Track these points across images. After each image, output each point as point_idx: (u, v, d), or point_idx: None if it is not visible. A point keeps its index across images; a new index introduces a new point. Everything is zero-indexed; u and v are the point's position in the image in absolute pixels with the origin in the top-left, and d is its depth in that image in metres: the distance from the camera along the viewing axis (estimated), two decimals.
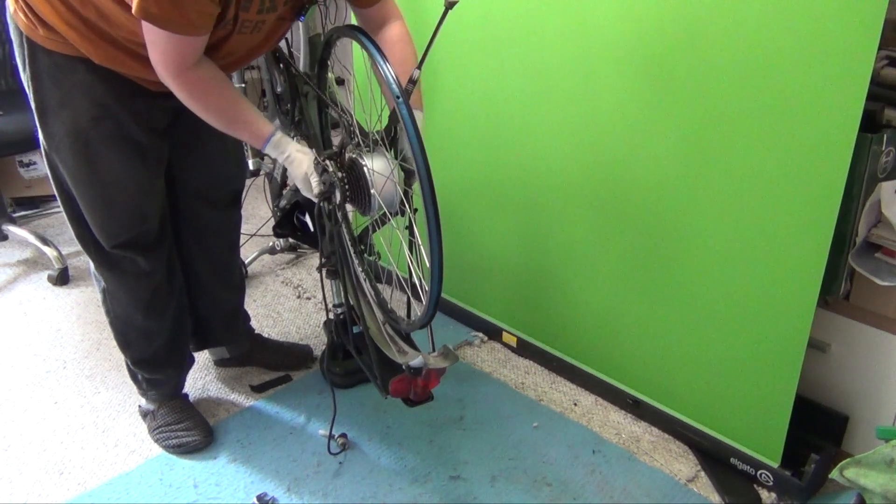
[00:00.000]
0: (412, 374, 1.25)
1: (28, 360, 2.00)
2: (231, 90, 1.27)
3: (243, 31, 1.23)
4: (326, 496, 1.51)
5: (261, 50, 1.38)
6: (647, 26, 1.41)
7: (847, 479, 1.18)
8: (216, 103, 1.25)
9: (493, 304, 2.06)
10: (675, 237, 1.52)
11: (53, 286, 2.38)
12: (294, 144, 1.30)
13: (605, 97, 1.53)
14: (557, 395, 1.84)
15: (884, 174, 1.41)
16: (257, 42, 1.32)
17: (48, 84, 1.28)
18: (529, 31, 1.63)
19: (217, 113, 1.26)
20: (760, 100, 1.29)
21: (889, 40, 1.44)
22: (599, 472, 1.58)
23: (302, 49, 1.71)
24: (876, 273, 1.43)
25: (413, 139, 1.05)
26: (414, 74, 1.19)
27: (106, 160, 1.35)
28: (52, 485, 1.55)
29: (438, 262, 1.08)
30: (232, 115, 1.27)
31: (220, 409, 1.79)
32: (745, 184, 1.36)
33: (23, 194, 2.79)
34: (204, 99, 1.24)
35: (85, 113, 1.30)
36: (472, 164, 1.92)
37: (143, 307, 1.53)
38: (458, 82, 1.85)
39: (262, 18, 1.23)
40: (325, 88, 1.45)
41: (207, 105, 1.25)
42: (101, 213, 1.40)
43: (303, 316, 2.20)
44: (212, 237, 1.66)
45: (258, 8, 1.19)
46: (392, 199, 1.23)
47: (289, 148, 1.29)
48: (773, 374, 1.44)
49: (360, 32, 1.18)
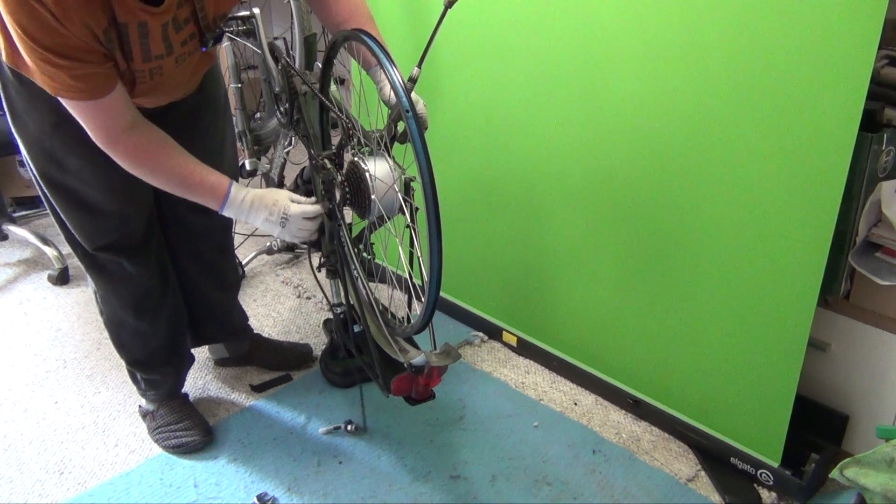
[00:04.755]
0: (414, 373, 1.25)
1: (28, 359, 2.00)
2: (175, 150, 1.23)
3: (143, 80, 1.20)
4: (327, 496, 1.51)
5: (190, 83, 1.37)
6: (648, 26, 1.41)
7: (847, 479, 1.19)
8: (160, 166, 1.22)
9: (493, 304, 2.06)
10: (675, 237, 1.52)
11: (53, 286, 2.38)
12: (268, 195, 1.27)
13: (605, 97, 1.53)
14: (557, 394, 1.84)
15: (884, 173, 1.41)
16: (182, 79, 1.31)
17: (13, 93, 1.27)
18: (529, 31, 1.63)
19: (165, 175, 1.23)
20: (760, 99, 1.29)
21: (889, 40, 1.44)
22: (599, 471, 1.58)
23: (297, 49, 1.71)
24: (876, 273, 1.43)
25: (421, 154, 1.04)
26: (414, 72, 1.18)
27: (73, 164, 1.33)
28: (53, 484, 1.55)
29: (437, 275, 1.08)
30: (181, 176, 1.23)
31: (220, 408, 1.79)
32: (745, 183, 1.36)
33: (23, 194, 2.79)
34: (145, 164, 1.22)
35: (46, 119, 1.28)
36: (472, 164, 1.92)
37: (132, 309, 1.53)
38: (458, 82, 1.85)
39: (156, 65, 1.19)
40: (329, 87, 1.45)
41: (154, 168, 1.22)
42: (78, 216, 1.39)
43: (303, 316, 2.20)
44: (199, 240, 1.65)
45: (142, 58, 1.16)
46: (392, 205, 1.22)
47: (252, 191, 1.25)
48: (773, 373, 1.44)
49: (367, 36, 1.17)
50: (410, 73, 1.18)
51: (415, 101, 1.20)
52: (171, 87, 1.32)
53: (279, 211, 1.26)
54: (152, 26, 1.13)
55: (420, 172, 1.04)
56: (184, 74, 1.32)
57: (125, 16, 1.08)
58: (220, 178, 1.26)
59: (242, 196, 1.26)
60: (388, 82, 1.09)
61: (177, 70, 1.26)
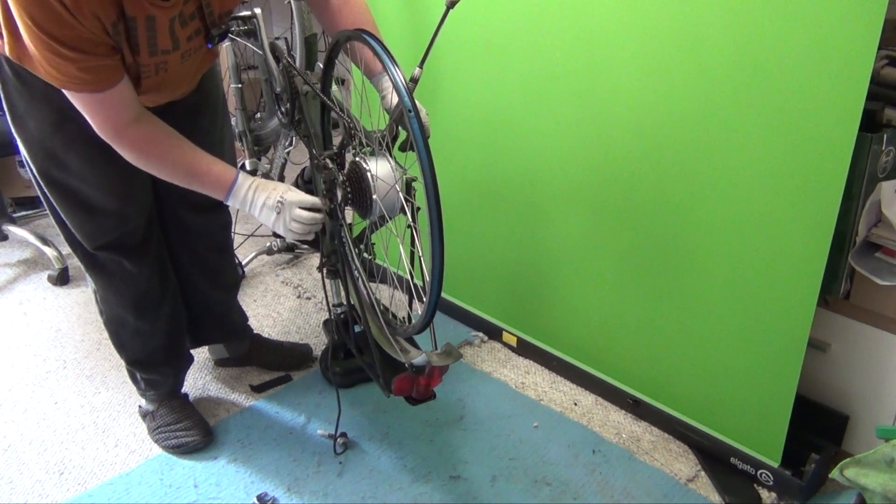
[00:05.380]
0: (415, 373, 1.25)
1: (28, 360, 2.00)
2: (179, 141, 1.24)
3: (148, 74, 1.21)
4: (327, 496, 1.51)
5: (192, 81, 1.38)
6: (648, 26, 1.41)
7: (847, 479, 1.19)
8: (166, 157, 1.23)
9: (493, 304, 2.07)
10: (675, 237, 1.52)
11: (53, 286, 2.38)
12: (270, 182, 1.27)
13: (606, 97, 1.53)
14: (557, 394, 1.84)
15: (884, 174, 1.41)
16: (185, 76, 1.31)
17: (14, 92, 1.28)
18: (529, 31, 1.63)
19: (171, 167, 1.24)
20: (760, 99, 1.29)
21: (889, 40, 1.44)
22: (599, 471, 1.58)
23: (298, 49, 1.71)
24: (876, 273, 1.43)
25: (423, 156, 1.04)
26: (415, 72, 1.19)
27: (73, 163, 1.33)
28: (53, 485, 1.55)
29: (439, 274, 1.08)
30: (187, 167, 1.24)
31: (220, 409, 1.78)
32: (745, 183, 1.36)
33: (23, 194, 2.79)
34: (151, 156, 1.22)
35: (47, 118, 1.28)
36: (472, 164, 1.92)
37: (132, 308, 1.53)
38: (459, 83, 1.85)
39: (162, 60, 1.20)
40: (330, 86, 1.45)
41: (160, 160, 1.23)
42: (79, 216, 1.40)
43: (303, 316, 2.20)
44: (198, 239, 1.65)
45: (149, 52, 1.16)
46: (393, 205, 1.22)
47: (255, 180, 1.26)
48: (773, 373, 1.44)
49: (369, 36, 1.17)
50: (412, 74, 1.18)
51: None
52: (174, 85, 1.32)
53: (277, 195, 1.26)
54: (160, 20, 1.13)
55: (423, 172, 1.04)
56: (188, 72, 1.33)
57: (134, 9, 1.09)
58: (227, 167, 1.27)
59: (248, 183, 1.27)
60: (391, 84, 1.10)
61: (181, 67, 1.27)
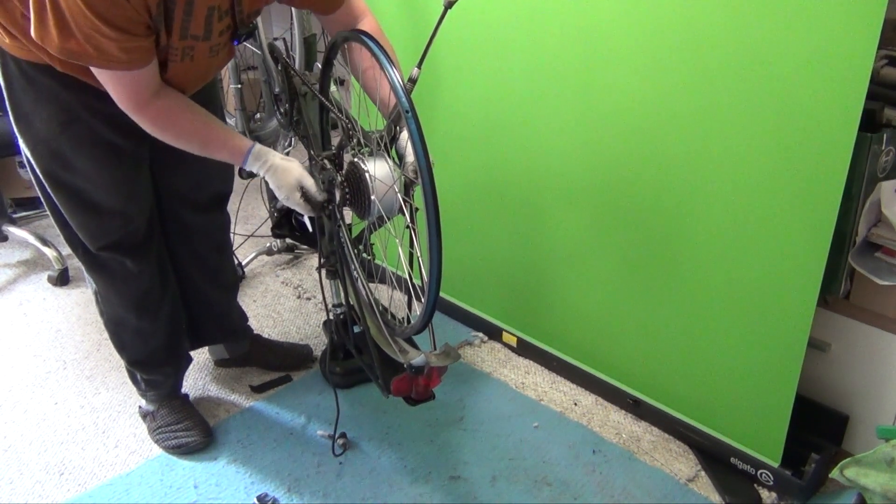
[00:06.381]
0: (414, 373, 1.25)
1: (28, 360, 2.00)
2: (198, 111, 1.26)
3: (174, 58, 1.22)
4: (327, 496, 1.51)
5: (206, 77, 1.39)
6: (648, 26, 1.41)
7: (847, 479, 1.19)
8: (186, 128, 1.25)
9: (493, 304, 2.06)
10: (675, 237, 1.52)
11: (53, 287, 2.38)
12: (277, 154, 1.29)
13: (606, 97, 1.53)
14: (557, 394, 1.84)
15: (883, 173, 1.41)
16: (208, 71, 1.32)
17: (19, 92, 1.28)
18: (529, 31, 1.63)
19: (189, 137, 1.26)
20: (760, 99, 1.29)
21: (889, 40, 1.44)
22: (600, 471, 1.58)
23: (297, 50, 1.72)
24: (876, 273, 1.43)
25: (420, 156, 1.04)
26: (413, 73, 1.18)
27: (80, 164, 1.33)
28: (53, 485, 1.55)
29: (437, 275, 1.08)
30: (205, 136, 1.26)
31: (220, 409, 1.78)
32: (745, 183, 1.36)
33: (23, 195, 2.78)
34: (172, 128, 1.24)
35: (54, 118, 1.29)
36: (472, 164, 1.92)
37: (134, 308, 1.53)
38: (458, 83, 1.85)
39: (190, 45, 1.21)
40: (328, 87, 1.45)
41: (178, 132, 1.25)
42: (83, 216, 1.40)
43: (303, 316, 2.20)
44: (198, 239, 1.65)
45: (180, 34, 1.18)
46: (392, 206, 1.22)
47: (272, 157, 1.27)
48: (773, 373, 1.44)
49: (367, 37, 1.17)
50: (410, 74, 1.18)
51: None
52: (194, 77, 1.33)
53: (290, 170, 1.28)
54: (198, 7, 1.16)
55: (420, 173, 1.04)
56: (210, 66, 1.34)
57: None
58: (242, 138, 1.29)
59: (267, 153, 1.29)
60: (388, 84, 1.09)
61: (207, 60, 1.28)
